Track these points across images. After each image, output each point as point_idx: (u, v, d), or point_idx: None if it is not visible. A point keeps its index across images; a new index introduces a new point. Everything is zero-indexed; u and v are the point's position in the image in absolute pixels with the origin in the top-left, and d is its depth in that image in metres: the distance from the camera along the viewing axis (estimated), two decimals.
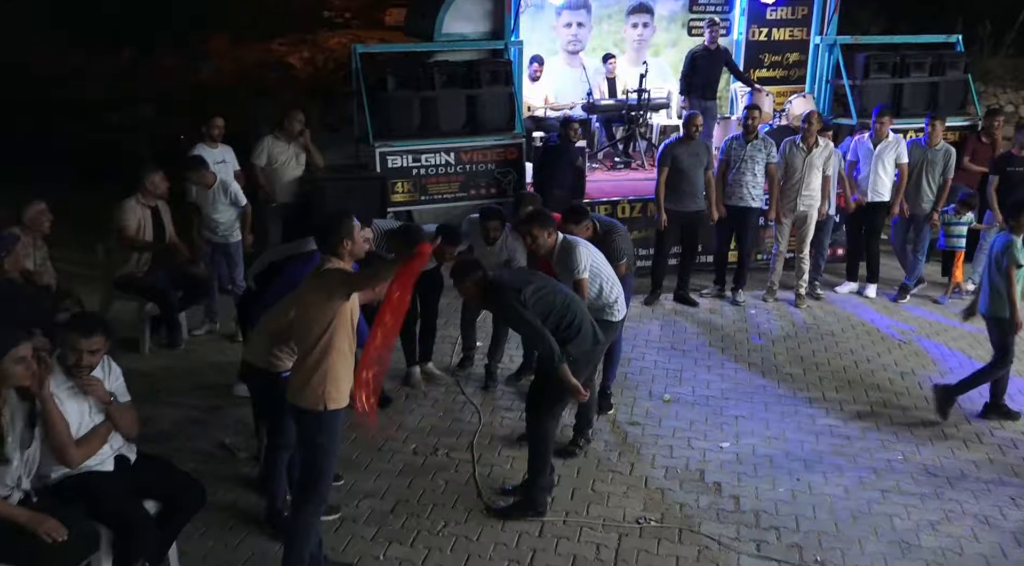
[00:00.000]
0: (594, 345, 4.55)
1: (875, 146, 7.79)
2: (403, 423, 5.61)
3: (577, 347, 4.45)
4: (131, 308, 6.57)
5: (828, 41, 9.85)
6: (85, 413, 3.64)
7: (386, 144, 8.09)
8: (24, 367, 3.34)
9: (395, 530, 4.45)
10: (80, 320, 3.72)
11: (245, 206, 6.91)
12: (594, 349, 4.58)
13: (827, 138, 7.80)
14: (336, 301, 3.63)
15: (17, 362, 3.32)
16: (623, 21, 10.53)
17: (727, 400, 6.03)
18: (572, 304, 4.48)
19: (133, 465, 3.84)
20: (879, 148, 7.76)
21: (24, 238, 5.47)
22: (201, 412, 5.67)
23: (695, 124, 7.53)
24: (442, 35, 8.73)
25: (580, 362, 4.48)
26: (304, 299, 3.75)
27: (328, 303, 3.63)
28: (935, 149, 7.85)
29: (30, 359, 3.36)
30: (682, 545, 4.39)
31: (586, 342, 4.49)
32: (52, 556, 3.32)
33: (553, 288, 4.50)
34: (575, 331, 4.44)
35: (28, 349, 3.37)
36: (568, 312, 4.43)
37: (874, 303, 8.01)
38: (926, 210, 7.89)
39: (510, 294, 4.33)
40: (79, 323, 3.65)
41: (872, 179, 7.79)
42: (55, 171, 11.15)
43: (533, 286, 4.40)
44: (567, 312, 4.43)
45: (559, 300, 4.44)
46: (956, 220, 8.03)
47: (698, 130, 7.59)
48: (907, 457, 5.29)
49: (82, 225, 7.18)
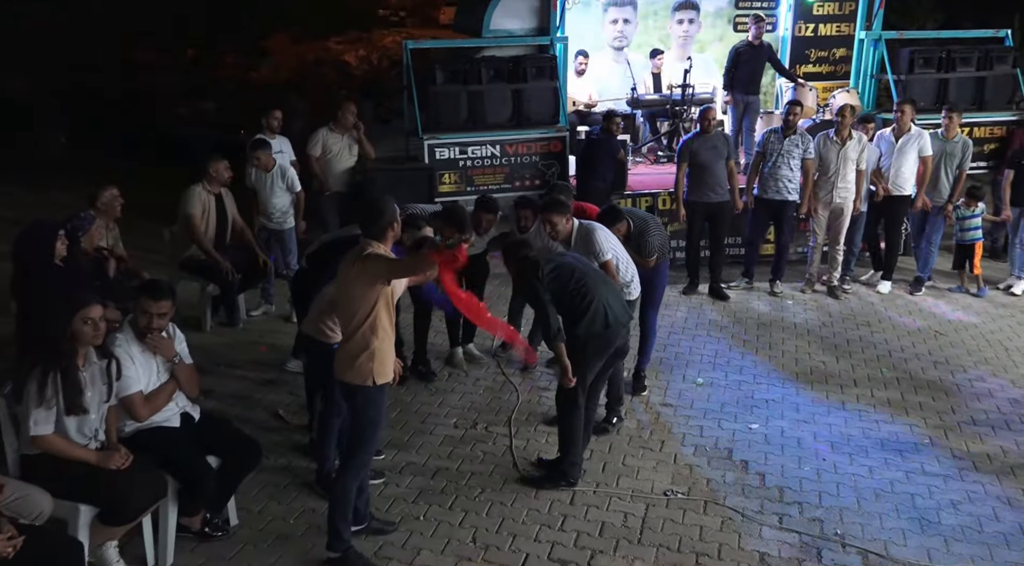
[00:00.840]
0: (604, 329, 4.70)
1: (897, 139, 7.84)
2: (445, 400, 5.90)
3: (586, 328, 4.66)
4: (194, 289, 6.97)
5: (873, 36, 9.89)
6: (153, 373, 4.02)
7: (434, 137, 8.41)
8: (92, 327, 3.68)
9: (435, 494, 4.74)
10: (151, 286, 4.08)
11: (299, 193, 7.27)
12: (605, 333, 4.72)
13: (862, 132, 7.87)
14: (379, 286, 3.82)
15: (85, 322, 3.66)
16: (669, 17, 10.68)
17: (759, 384, 6.21)
18: (588, 287, 4.69)
19: (197, 423, 4.21)
20: (901, 141, 7.81)
21: (98, 220, 5.89)
22: (257, 385, 6.04)
23: (709, 117, 7.72)
24: (489, 31, 9.03)
25: (591, 344, 4.70)
26: (347, 282, 3.89)
27: (371, 288, 3.82)
28: (953, 141, 7.91)
29: (98, 321, 3.71)
30: (707, 516, 4.61)
31: (595, 324, 4.67)
32: (125, 499, 3.68)
33: (571, 269, 4.74)
34: (583, 311, 4.65)
35: (98, 311, 3.71)
36: (580, 293, 4.66)
37: (902, 297, 8.08)
38: (942, 202, 7.96)
39: (532, 271, 4.64)
40: (150, 288, 4.02)
41: (894, 172, 7.84)
42: (124, 159, 11.77)
43: (552, 264, 4.69)
44: (580, 293, 4.66)
45: (575, 281, 4.68)
46: (968, 213, 8.04)
47: (713, 123, 7.76)
48: (934, 441, 5.41)
49: (149, 211, 7.61)
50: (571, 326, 4.68)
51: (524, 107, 8.64)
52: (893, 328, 7.31)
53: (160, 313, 3.94)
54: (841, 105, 7.98)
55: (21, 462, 3.73)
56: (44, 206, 8.31)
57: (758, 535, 4.44)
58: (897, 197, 7.91)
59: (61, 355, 3.61)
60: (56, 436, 3.64)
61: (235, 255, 6.92)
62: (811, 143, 7.75)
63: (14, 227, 5.20)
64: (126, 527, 3.82)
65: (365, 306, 3.83)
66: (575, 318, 4.67)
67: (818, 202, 7.80)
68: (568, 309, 4.67)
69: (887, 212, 8.05)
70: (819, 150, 7.75)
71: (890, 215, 8.07)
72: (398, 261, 4.01)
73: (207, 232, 6.74)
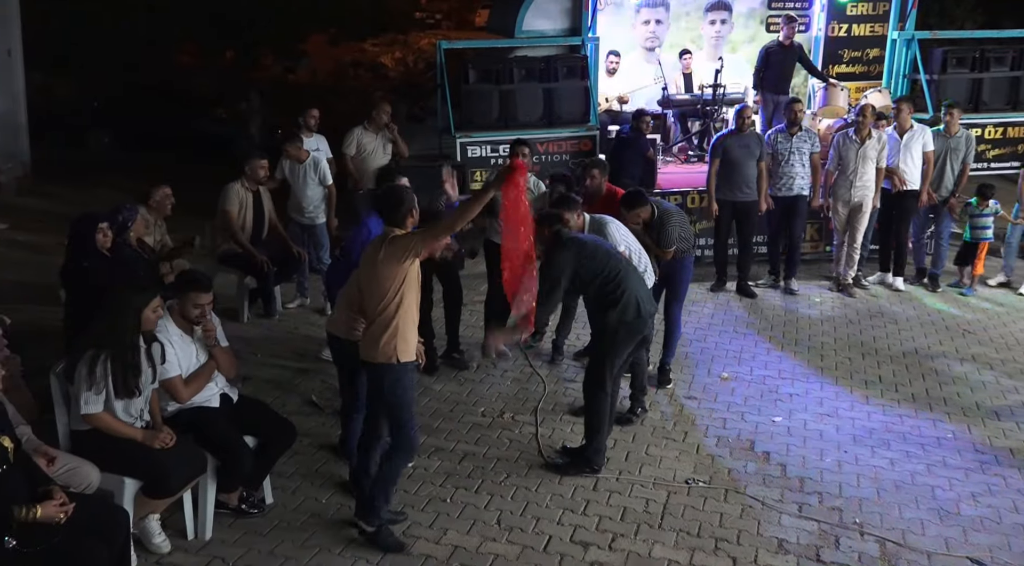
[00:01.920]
0: (636, 317, 4.83)
1: (901, 136, 7.92)
2: (473, 389, 6.06)
3: (619, 315, 4.79)
4: (232, 281, 7.20)
5: (906, 36, 9.88)
6: (193, 355, 4.24)
7: (467, 135, 8.59)
8: (156, 316, 4.00)
9: (462, 479, 4.90)
10: (197, 279, 4.29)
11: (330, 187, 7.49)
12: (636, 321, 4.84)
13: (882, 130, 7.92)
14: (405, 265, 3.94)
15: (153, 311, 3.96)
16: (701, 18, 10.72)
17: (783, 379, 6.28)
18: (622, 275, 4.82)
19: (235, 404, 4.42)
20: (905, 138, 7.91)
21: (148, 216, 6.14)
22: (292, 373, 6.24)
23: (744, 116, 7.80)
24: (522, 32, 9.20)
25: (621, 331, 4.84)
26: (372, 267, 3.98)
27: (399, 268, 3.94)
28: (956, 137, 8.03)
29: (160, 309, 4.01)
30: (727, 504, 4.70)
31: (627, 313, 4.80)
32: (167, 474, 3.89)
33: (607, 254, 4.88)
34: (615, 300, 4.78)
35: (159, 301, 4.01)
36: (615, 281, 4.79)
37: (922, 293, 8.14)
38: (948, 196, 8.06)
39: (566, 247, 4.79)
40: (198, 282, 4.24)
41: (901, 169, 7.92)
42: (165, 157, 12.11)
43: (591, 244, 4.84)
44: (614, 281, 4.79)
45: (611, 267, 4.81)
46: (980, 212, 8.05)
47: (748, 122, 7.85)
48: (957, 435, 5.45)
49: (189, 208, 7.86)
50: (603, 313, 4.82)
51: (555, 106, 8.79)
52: (921, 326, 7.33)
53: (209, 303, 4.20)
54: (861, 104, 8.05)
55: (72, 437, 3.95)
56: (95, 203, 8.61)
57: (777, 523, 4.53)
58: (908, 192, 7.99)
59: (126, 345, 3.83)
60: (106, 414, 3.85)
61: (271, 249, 7.15)
62: (817, 138, 7.87)
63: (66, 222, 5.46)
64: (168, 501, 4.03)
65: (392, 287, 3.94)
66: (608, 305, 4.80)
67: (837, 200, 7.87)
68: (600, 294, 4.81)
69: (898, 208, 8.10)
70: (838, 148, 7.83)
71: (900, 211, 8.12)
72: (431, 228, 4.11)
73: (243, 227, 6.98)
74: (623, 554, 4.24)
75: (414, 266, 4.03)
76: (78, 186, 11.21)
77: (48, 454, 3.68)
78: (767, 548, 4.31)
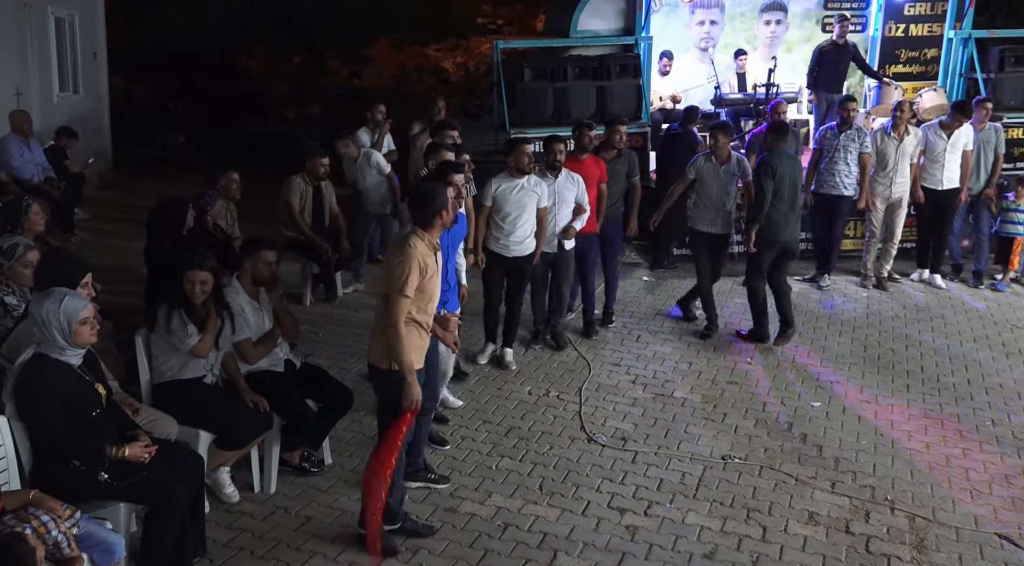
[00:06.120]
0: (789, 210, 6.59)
1: (948, 137, 7.96)
2: (521, 371, 6.33)
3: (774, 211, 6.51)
4: (295, 269, 7.63)
5: (962, 35, 9.86)
6: (261, 321, 4.62)
7: (521, 131, 8.87)
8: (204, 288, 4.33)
9: (507, 448, 5.18)
10: (262, 241, 4.72)
11: (389, 175, 7.86)
12: (787, 214, 6.56)
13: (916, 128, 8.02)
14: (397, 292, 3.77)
15: (201, 282, 4.30)
16: (756, 18, 10.85)
17: (825, 368, 6.41)
18: (783, 187, 6.46)
19: (299, 370, 4.78)
20: (952, 138, 7.94)
21: (220, 200, 6.61)
22: (351, 351, 6.61)
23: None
24: (577, 32, 9.47)
25: (779, 222, 6.51)
26: (386, 268, 3.93)
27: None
28: (985, 130, 8.10)
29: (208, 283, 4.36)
30: (761, 479, 4.89)
31: (778, 210, 6.55)
32: (237, 428, 4.27)
33: (785, 171, 6.50)
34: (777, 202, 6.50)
35: (207, 274, 4.33)
36: (791, 195, 6.52)
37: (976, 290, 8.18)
38: (983, 189, 8.12)
39: (766, 165, 6.48)
40: (264, 243, 4.67)
41: (947, 168, 7.98)
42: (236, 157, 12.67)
43: (781, 166, 6.45)
44: (791, 194, 6.51)
45: (791, 182, 6.52)
46: (1016, 206, 8.04)
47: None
48: (996, 422, 5.53)
49: (258, 202, 8.35)
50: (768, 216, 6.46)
51: (608, 103, 9.02)
52: (968, 320, 7.37)
53: (276, 260, 4.62)
54: (898, 101, 8.11)
55: (153, 391, 4.36)
56: None
57: (810, 497, 4.70)
58: (950, 190, 8.04)
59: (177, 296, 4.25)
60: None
61: (331, 238, 7.56)
62: (867, 137, 7.92)
63: (143, 213, 5.97)
64: (238, 453, 4.41)
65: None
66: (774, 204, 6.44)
67: (876, 197, 7.95)
68: (776, 201, 6.39)
69: (940, 205, 8.12)
70: (876, 145, 7.90)
71: (943, 208, 8.14)
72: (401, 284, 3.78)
73: (304, 217, 7.40)
74: (657, 520, 4.46)
75: (427, 274, 3.85)
76: (155, 181, 11.85)
77: (133, 405, 4.08)
78: (797, 519, 4.49)
